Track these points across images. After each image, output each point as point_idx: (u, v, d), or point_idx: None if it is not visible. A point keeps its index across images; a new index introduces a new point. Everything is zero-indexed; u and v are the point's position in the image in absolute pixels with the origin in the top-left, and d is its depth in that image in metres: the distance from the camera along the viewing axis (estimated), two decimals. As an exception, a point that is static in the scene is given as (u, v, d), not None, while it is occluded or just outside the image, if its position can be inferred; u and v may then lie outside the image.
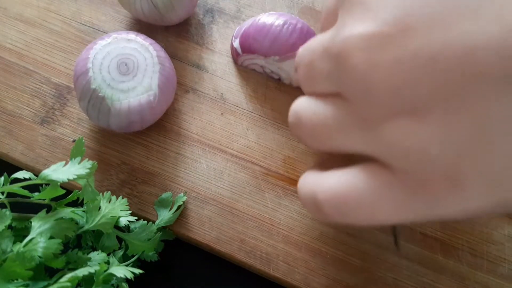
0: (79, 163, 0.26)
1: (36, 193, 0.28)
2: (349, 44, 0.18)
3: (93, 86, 0.30)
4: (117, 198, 0.30)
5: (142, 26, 0.38)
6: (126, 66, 0.31)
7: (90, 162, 0.26)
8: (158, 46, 0.33)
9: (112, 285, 0.28)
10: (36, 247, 0.24)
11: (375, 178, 0.19)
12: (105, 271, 0.26)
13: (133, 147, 0.35)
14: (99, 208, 0.29)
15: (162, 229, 0.32)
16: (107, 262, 0.28)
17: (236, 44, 0.36)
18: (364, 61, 0.17)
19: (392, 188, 0.19)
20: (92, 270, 0.25)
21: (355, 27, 0.18)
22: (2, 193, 0.27)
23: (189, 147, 0.35)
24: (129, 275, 0.26)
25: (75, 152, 0.27)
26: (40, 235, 0.25)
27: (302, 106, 0.23)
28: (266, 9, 0.39)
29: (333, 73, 0.20)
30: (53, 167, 0.26)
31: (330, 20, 0.24)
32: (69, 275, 0.24)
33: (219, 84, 0.37)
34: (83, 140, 0.28)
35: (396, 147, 0.18)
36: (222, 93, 0.37)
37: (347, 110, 0.20)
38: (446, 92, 0.16)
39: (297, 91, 0.37)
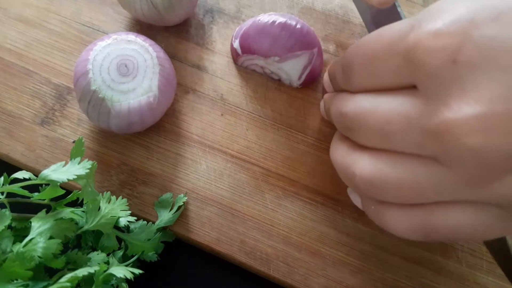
0: (79, 163, 0.26)
1: (36, 193, 0.28)
2: (459, 126, 0.19)
3: (93, 88, 0.30)
4: (117, 199, 0.30)
5: (142, 26, 0.38)
6: (126, 67, 0.31)
7: (90, 162, 0.26)
8: (158, 47, 0.33)
9: (112, 285, 0.28)
10: (36, 247, 0.24)
11: (488, 215, 0.21)
12: (105, 271, 0.26)
13: (133, 148, 0.35)
14: (99, 208, 0.29)
15: (162, 229, 0.32)
16: (107, 262, 0.28)
17: (236, 44, 0.36)
18: (480, 141, 0.18)
19: (505, 221, 0.21)
20: (92, 270, 0.25)
21: (461, 109, 0.19)
22: (2, 193, 0.27)
23: (189, 148, 0.35)
24: (129, 275, 0.26)
25: (75, 152, 0.27)
26: (40, 235, 0.25)
27: (374, 171, 0.23)
28: (266, 10, 0.39)
29: (427, 145, 0.21)
30: (53, 167, 0.26)
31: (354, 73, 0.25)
32: (69, 275, 0.24)
33: (219, 84, 0.37)
34: (83, 141, 0.28)
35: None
36: (222, 94, 0.37)
37: (447, 173, 0.21)
38: None
39: (297, 92, 0.37)
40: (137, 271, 0.27)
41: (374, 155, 0.24)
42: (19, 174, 0.28)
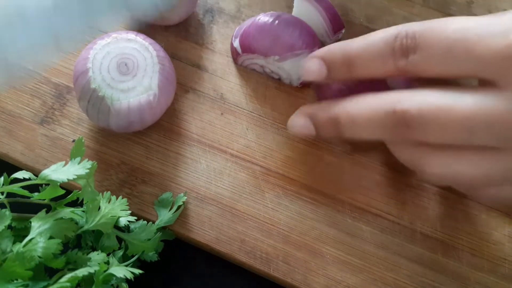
0: (79, 163, 0.26)
1: (36, 193, 0.28)
2: None
3: (93, 86, 0.30)
4: (117, 198, 0.30)
5: (141, 25, 0.38)
6: (126, 66, 0.31)
7: (90, 162, 0.26)
8: (158, 46, 0.33)
9: (112, 285, 0.28)
10: (35, 247, 0.24)
11: None
12: (105, 271, 0.26)
13: (133, 147, 0.35)
14: (99, 208, 0.28)
15: (162, 229, 0.32)
16: (107, 262, 0.28)
17: (236, 44, 0.36)
18: None
19: None
20: (92, 270, 0.25)
21: None
22: (2, 193, 0.27)
23: (189, 147, 0.35)
24: (129, 275, 0.26)
25: (75, 152, 0.27)
26: (39, 235, 0.25)
27: (446, 170, 0.25)
28: (266, 9, 0.39)
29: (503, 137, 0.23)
30: (53, 167, 0.26)
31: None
32: (69, 275, 0.24)
33: (219, 84, 0.37)
34: (83, 140, 0.28)
35: None
36: (222, 93, 0.37)
37: None
38: None
39: (297, 91, 0.37)
40: (137, 271, 0.27)
41: (444, 153, 0.25)
42: (19, 174, 0.28)
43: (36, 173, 0.27)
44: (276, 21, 0.34)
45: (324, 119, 0.30)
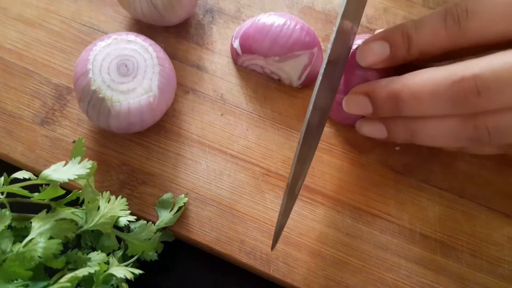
0: (79, 163, 0.26)
1: (36, 193, 0.28)
2: None
3: (93, 87, 0.30)
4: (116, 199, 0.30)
5: (141, 26, 0.38)
6: (126, 67, 0.31)
7: (90, 162, 0.26)
8: (158, 47, 0.33)
9: (112, 285, 0.28)
10: (36, 247, 0.24)
11: None
12: (105, 271, 0.26)
13: (133, 148, 0.35)
14: (98, 208, 0.28)
15: (162, 230, 0.32)
16: (107, 262, 0.28)
17: (236, 44, 0.36)
18: None
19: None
20: (92, 270, 0.25)
21: None
22: (2, 193, 0.27)
23: (189, 147, 0.35)
24: (129, 276, 0.27)
25: (75, 152, 0.27)
26: (40, 235, 0.25)
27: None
28: (266, 10, 0.39)
29: None
30: (53, 167, 0.26)
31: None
32: (69, 275, 0.24)
33: (219, 84, 0.37)
34: (83, 141, 0.28)
35: None
36: (222, 94, 0.37)
37: None
38: None
39: (297, 92, 0.37)
40: (137, 271, 0.27)
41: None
42: (19, 174, 0.28)
43: (36, 174, 0.27)
44: (276, 22, 0.34)
45: (383, 96, 0.28)
